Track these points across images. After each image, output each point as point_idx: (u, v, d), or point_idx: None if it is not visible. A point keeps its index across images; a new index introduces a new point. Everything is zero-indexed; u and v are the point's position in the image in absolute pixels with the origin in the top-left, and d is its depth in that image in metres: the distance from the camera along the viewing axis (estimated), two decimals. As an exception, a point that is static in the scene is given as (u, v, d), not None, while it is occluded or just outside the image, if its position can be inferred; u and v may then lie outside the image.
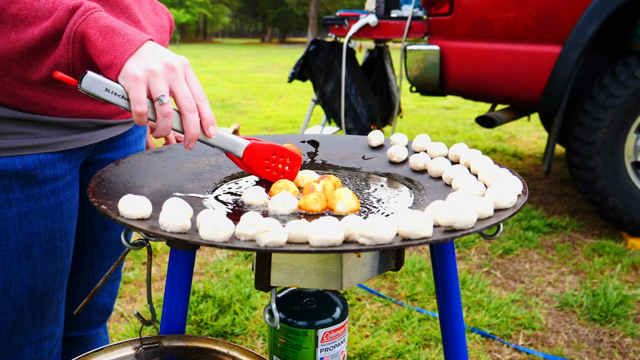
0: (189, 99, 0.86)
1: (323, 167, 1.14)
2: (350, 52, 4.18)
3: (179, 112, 0.88)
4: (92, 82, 0.83)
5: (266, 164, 0.99)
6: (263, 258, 0.84)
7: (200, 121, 0.89)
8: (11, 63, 0.86)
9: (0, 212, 0.95)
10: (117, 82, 0.84)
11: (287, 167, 1.01)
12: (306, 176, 1.01)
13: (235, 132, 4.15)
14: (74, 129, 1.00)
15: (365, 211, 0.88)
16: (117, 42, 0.82)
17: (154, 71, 0.83)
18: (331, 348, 0.98)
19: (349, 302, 2.28)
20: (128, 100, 0.84)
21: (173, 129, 0.88)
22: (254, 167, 0.98)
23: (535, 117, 6.03)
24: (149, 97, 0.85)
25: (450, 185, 0.96)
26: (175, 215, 0.70)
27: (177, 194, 0.91)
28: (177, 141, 1.39)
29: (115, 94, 0.84)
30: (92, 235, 1.20)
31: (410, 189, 1.00)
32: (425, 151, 1.13)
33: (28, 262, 0.99)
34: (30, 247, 0.99)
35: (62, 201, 1.02)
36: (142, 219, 0.74)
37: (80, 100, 0.98)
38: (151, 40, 0.86)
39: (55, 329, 1.10)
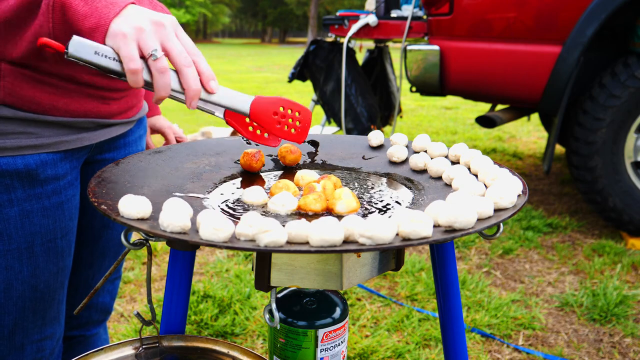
0: (183, 54, 0.82)
1: (323, 167, 1.14)
2: (350, 52, 4.18)
3: (175, 71, 0.83)
4: (80, 45, 0.78)
5: (276, 119, 0.92)
6: (263, 258, 0.84)
7: (199, 77, 0.84)
8: None
9: (2, 212, 0.95)
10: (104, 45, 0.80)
11: (297, 122, 0.94)
12: (306, 176, 1.01)
13: (234, 132, 4.14)
14: (75, 128, 1.00)
15: (365, 211, 0.88)
16: (100, 5, 0.79)
17: (142, 28, 0.79)
18: (331, 348, 0.98)
19: (349, 302, 2.28)
20: (119, 61, 0.80)
21: (172, 90, 0.83)
22: (263, 123, 0.90)
23: (535, 117, 6.03)
24: (141, 56, 0.80)
25: (450, 185, 0.96)
26: (175, 215, 0.70)
27: (177, 194, 0.91)
28: (177, 141, 1.40)
29: (106, 56, 0.80)
30: (93, 235, 1.20)
31: (410, 189, 1.00)
32: (425, 151, 1.13)
33: (29, 262, 0.99)
34: (31, 247, 0.99)
35: (64, 201, 1.02)
36: (142, 219, 0.74)
37: (82, 99, 0.98)
38: (134, 3, 0.82)
39: (56, 328, 1.11)
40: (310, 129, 0.93)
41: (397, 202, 0.93)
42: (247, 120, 0.92)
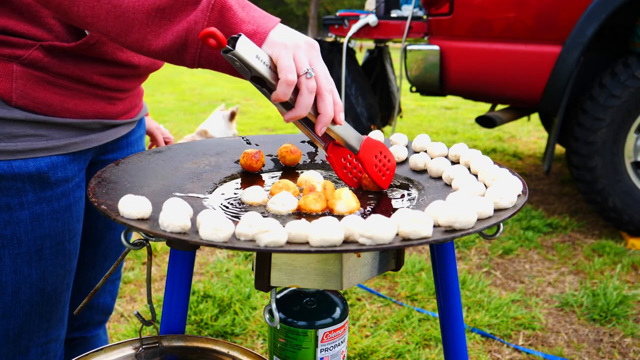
0: (328, 79, 0.84)
1: (323, 167, 1.14)
2: (350, 52, 4.18)
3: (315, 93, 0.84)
4: (247, 45, 0.78)
5: (375, 161, 0.97)
6: (263, 258, 0.84)
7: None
8: (134, 24, 0.80)
9: (12, 215, 0.94)
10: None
11: (387, 170, 0.99)
12: (310, 180, 1.00)
13: (233, 114, 4.13)
14: (84, 130, 1.00)
15: (365, 211, 0.88)
16: (257, 15, 0.82)
17: (299, 45, 0.81)
18: (331, 348, 0.98)
19: (349, 302, 2.28)
20: (273, 71, 0.81)
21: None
22: (365, 161, 0.96)
23: (535, 117, 6.03)
24: None
25: (450, 185, 0.96)
26: (175, 215, 0.70)
27: (177, 194, 0.91)
28: (165, 142, 1.40)
29: (264, 62, 0.80)
30: (96, 236, 1.20)
31: (410, 189, 1.00)
32: (425, 151, 1.13)
33: (38, 265, 0.99)
34: (41, 250, 0.98)
35: (72, 203, 1.02)
36: (142, 219, 0.74)
37: (90, 100, 0.98)
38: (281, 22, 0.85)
39: (61, 330, 1.10)
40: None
41: (396, 202, 0.93)
42: (347, 158, 0.99)
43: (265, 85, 0.85)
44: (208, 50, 0.81)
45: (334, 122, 0.88)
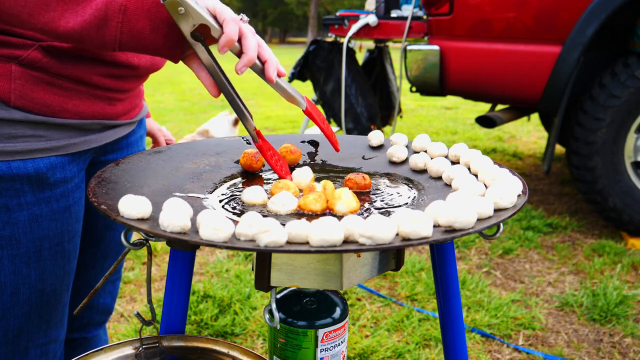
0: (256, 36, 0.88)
1: (323, 167, 1.13)
2: (350, 52, 4.18)
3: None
4: None
5: (322, 117, 1.03)
6: (263, 258, 0.84)
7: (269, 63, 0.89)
8: (50, 1, 0.77)
9: (11, 216, 0.94)
10: None
11: (331, 133, 1.06)
12: (303, 182, 0.99)
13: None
14: (83, 130, 1.00)
15: (365, 211, 0.88)
16: None
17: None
18: (331, 348, 0.98)
19: (349, 302, 2.28)
20: (214, 17, 0.84)
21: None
22: (317, 116, 1.01)
23: (535, 117, 6.03)
24: None
25: (450, 185, 0.96)
26: (175, 215, 0.70)
27: (177, 194, 0.91)
28: (167, 144, 1.41)
29: (204, 8, 0.84)
30: (96, 236, 1.20)
31: (410, 189, 1.00)
32: (425, 151, 1.13)
33: (37, 266, 0.99)
34: (40, 251, 0.98)
35: (71, 204, 1.02)
36: (142, 219, 0.74)
37: (90, 101, 0.98)
38: None
39: (60, 331, 1.10)
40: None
41: (396, 202, 0.93)
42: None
43: (205, 40, 0.87)
44: (129, 25, 0.80)
45: (277, 75, 0.91)
